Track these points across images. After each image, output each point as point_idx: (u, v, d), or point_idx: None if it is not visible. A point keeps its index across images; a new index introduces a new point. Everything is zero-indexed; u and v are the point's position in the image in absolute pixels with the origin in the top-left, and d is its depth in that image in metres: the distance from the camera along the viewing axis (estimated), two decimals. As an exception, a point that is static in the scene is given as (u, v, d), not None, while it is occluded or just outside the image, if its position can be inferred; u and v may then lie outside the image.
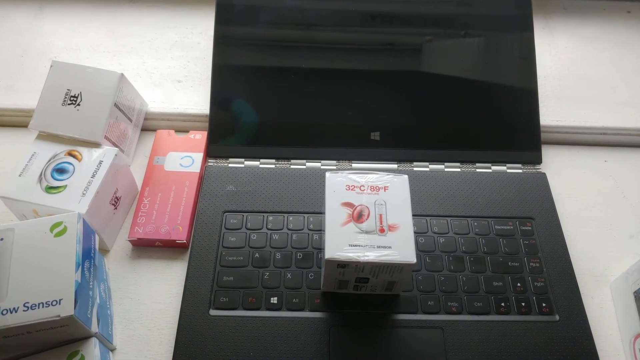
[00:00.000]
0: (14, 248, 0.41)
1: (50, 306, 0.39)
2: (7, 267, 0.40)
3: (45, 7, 0.71)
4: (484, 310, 0.47)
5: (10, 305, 0.39)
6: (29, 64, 0.65)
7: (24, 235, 0.42)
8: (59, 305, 0.39)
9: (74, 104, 0.51)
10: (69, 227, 0.42)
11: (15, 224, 0.42)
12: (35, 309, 0.39)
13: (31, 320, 0.38)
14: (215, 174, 0.55)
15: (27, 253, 0.41)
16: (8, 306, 0.39)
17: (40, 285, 0.40)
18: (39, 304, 0.39)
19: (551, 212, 0.53)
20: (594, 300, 0.50)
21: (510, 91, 0.59)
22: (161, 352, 0.46)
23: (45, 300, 0.39)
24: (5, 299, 0.39)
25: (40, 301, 0.39)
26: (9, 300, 0.39)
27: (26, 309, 0.39)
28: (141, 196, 0.53)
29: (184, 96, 0.62)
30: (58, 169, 0.48)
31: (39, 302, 0.39)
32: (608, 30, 0.70)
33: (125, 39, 0.67)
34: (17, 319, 0.38)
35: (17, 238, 0.42)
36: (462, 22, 0.60)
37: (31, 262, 0.41)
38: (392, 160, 0.57)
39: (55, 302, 0.39)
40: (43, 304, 0.39)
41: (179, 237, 0.50)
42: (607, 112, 0.62)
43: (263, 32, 0.60)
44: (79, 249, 0.42)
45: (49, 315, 0.39)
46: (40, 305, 0.39)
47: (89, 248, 0.44)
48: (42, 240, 0.42)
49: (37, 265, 0.41)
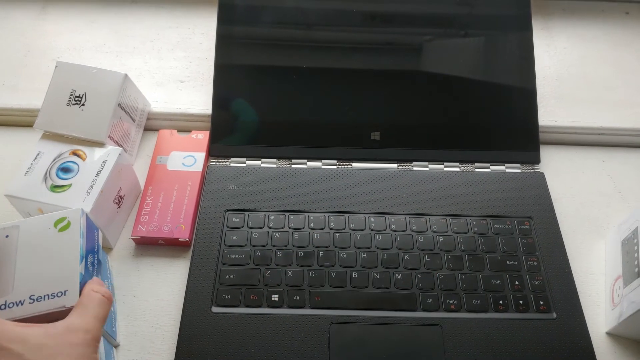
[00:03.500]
0: (19, 244, 0.42)
1: (55, 297, 0.40)
2: (13, 263, 0.41)
3: (48, 7, 0.71)
4: (483, 308, 0.48)
5: (17, 299, 0.40)
6: (32, 63, 0.66)
7: (29, 232, 0.43)
8: (64, 297, 0.40)
9: (79, 104, 0.51)
10: (73, 222, 0.43)
11: (20, 221, 0.43)
12: (41, 301, 0.40)
13: (37, 312, 0.39)
14: (217, 173, 0.55)
15: (33, 248, 0.42)
16: (14, 299, 0.40)
17: (46, 278, 0.41)
18: (45, 296, 0.40)
19: (549, 212, 0.54)
20: (591, 298, 0.50)
21: (509, 91, 0.59)
22: (164, 348, 0.47)
23: (50, 292, 0.40)
24: (12, 292, 0.40)
25: (46, 293, 0.40)
26: (15, 293, 0.40)
27: (32, 301, 0.40)
28: (144, 195, 0.54)
29: (187, 96, 0.62)
30: (63, 168, 0.49)
31: (45, 294, 0.40)
32: (607, 31, 0.71)
33: (128, 39, 0.68)
34: (23, 311, 0.39)
35: (22, 234, 0.42)
36: (461, 23, 0.60)
37: (36, 256, 0.42)
38: (392, 160, 0.57)
39: (61, 293, 0.40)
40: (48, 295, 0.40)
41: (181, 236, 0.51)
42: (606, 113, 0.62)
43: (265, 32, 0.60)
44: (83, 242, 0.43)
45: (54, 306, 0.40)
46: (46, 297, 0.40)
47: (93, 243, 0.45)
48: (46, 236, 0.42)
49: (42, 260, 0.41)
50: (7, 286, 0.40)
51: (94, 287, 0.40)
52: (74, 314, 0.38)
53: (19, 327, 0.36)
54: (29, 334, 0.35)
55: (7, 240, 0.42)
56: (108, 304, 0.40)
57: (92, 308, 0.39)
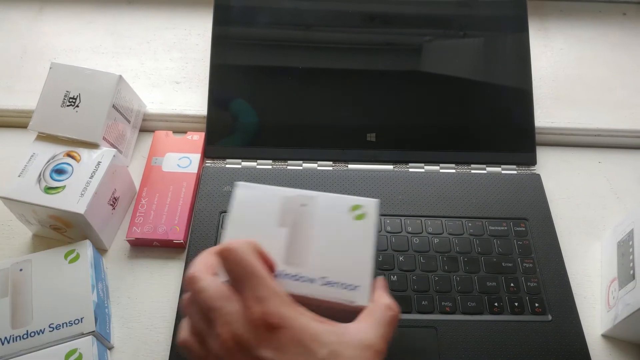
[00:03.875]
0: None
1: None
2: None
3: (45, 8, 0.71)
4: (478, 310, 0.48)
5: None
6: (29, 64, 0.66)
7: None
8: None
9: (73, 106, 0.51)
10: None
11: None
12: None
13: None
14: (212, 175, 0.55)
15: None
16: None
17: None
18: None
19: (545, 213, 0.54)
20: (587, 300, 0.50)
21: (506, 92, 0.59)
22: (158, 350, 0.46)
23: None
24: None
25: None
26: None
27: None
28: (139, 196, 0.53)
29: (182, 97, 0.62)
30: (57, 169, 0.49)
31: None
32: (604, 32, 0.70)
33: (124, 40, 0.68)
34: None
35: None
36: (457, 24, 0.60)
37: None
38: (387, 162, 0.57)
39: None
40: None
41: (176, 237, 0.51)
42: (602, 114, 0.62)
43: (260, 33, 0.60)
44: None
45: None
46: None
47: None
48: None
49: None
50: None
51: (391, 304, 0.36)
52: (366, 326, 0.34)
53: (315, 322, 0.33)
54: (324, 336, 0.32)
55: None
56: (396, 324, 0.35)
57: (384, 327, 0.34)
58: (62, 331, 0.43)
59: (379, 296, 0.36)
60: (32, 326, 0.43)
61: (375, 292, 0.37)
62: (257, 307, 0.32)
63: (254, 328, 0.31)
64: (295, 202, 0.39)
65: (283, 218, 0.38)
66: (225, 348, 0.32)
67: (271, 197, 0.39)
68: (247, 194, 0.39)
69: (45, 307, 0.44)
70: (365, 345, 0.33)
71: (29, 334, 0.42)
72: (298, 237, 0.37)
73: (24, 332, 0.42)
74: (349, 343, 0.32)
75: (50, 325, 0.43)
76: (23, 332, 0.42)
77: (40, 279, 0.45)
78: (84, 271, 0.46)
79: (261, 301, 0.32)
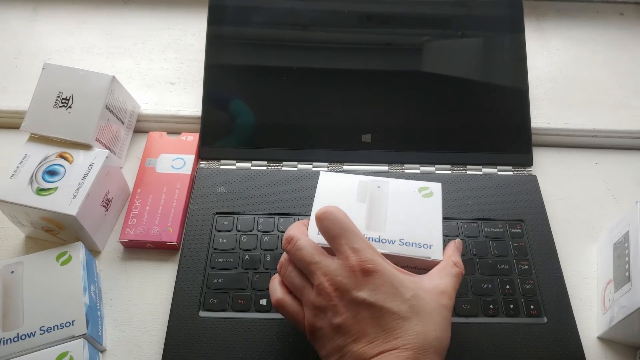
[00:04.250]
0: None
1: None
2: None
3: (39, 9, 0.71)
4: (473, 312, 0.47)
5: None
6: (23, 65, 0.65)
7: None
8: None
9: (66, 107, 0.51)
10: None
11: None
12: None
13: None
14: (206, 176, 0.55)
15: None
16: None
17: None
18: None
19: (541, 215, 0.53)
20: (583, 302, 0.50)
21: (502, 93, 0.59)
22: (151, 353, 0.46)
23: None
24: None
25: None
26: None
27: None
28: (132, 198, 0.53)
29: (177, 98, 0.62)
30: (49, 171, 0.48)
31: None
32: (601, 32, 0.70)
33: (119, 41, 0.67)
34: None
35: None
36: (453, 25, 0.60)
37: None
38: (383, 163, 0.57)
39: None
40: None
41: (169, 239, 0.51)
42: (598, 114, 0.62)
43: (255, 33, 0.60)
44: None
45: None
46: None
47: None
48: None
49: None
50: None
51: (458, 261, 0.41)
52: (438, 277, 0.39)
53: (398, 272, 0.38)
54: (408, 281, 0.37)
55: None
56: (461, 279, 0.41)
57: (453, 278, 0.40)
58: (53, 334, 0.42)
59: (449, 255, 0.42)
60: (22, 329, 0.42)
61: (445, 252, 0.42)
62: (354, 256, 0.37)
63: (352, 274, 0.37)
64: (370, 185, 0.45)
65: (362, 196, 0.44)
66: (324, 295, 0.37)
67: (350, 181, 0.45)
68: (329, 179, 0.45)
69: (37, 309, 0.43)
70: (440, 290, 0.38)
71: (19, 337, 0.42)
72: (376, 210, 0.43)
73: (15, 334, 0.42)
74: (426, 288, 0.38)
75: (41, 328, 0.42)
76: (14, 335, 0.42)
77: (31, 281, 0.45)
78: (75, 273, 0.45)
79: (357, 251, 0.37)
